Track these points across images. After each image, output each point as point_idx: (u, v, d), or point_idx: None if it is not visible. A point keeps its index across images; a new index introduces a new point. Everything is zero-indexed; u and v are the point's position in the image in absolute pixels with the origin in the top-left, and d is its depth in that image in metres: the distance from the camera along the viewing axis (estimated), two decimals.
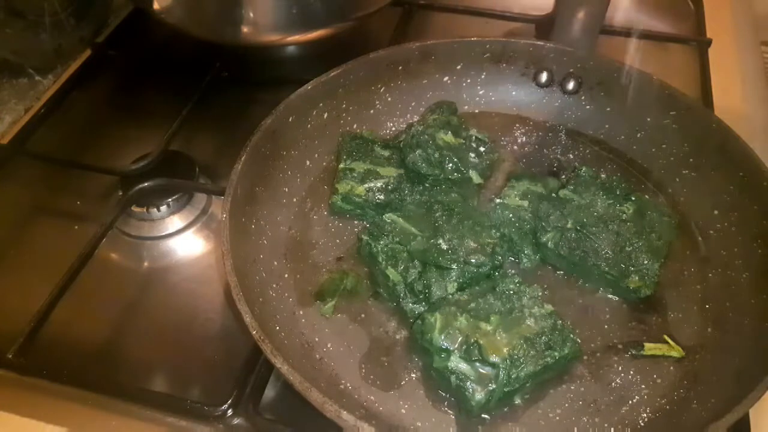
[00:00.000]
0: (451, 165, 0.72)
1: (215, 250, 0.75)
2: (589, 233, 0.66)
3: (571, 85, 0.83)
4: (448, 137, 0.74)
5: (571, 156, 0.81)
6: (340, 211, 0.74)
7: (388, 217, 0.68)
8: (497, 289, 0.61)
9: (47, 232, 0.78)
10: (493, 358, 0.56)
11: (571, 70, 0.82)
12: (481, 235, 0.66)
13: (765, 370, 0.53)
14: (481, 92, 0.86)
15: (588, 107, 0.83)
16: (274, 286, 0.67)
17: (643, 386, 0.61)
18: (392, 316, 0.66)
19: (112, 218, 0.74)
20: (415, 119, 0.83)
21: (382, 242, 0.66)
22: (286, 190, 0.75)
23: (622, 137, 0.81)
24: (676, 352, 0.63)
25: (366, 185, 0.72)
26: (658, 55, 1.00)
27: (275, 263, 0.69)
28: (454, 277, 0.63)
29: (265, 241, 0.69)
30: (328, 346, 0.64)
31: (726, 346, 0.62)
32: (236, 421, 0.60)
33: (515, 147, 0.82)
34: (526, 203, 0.71)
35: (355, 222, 0.74)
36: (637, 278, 0.64)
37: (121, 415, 0.61)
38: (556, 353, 0.57)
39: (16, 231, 0.78)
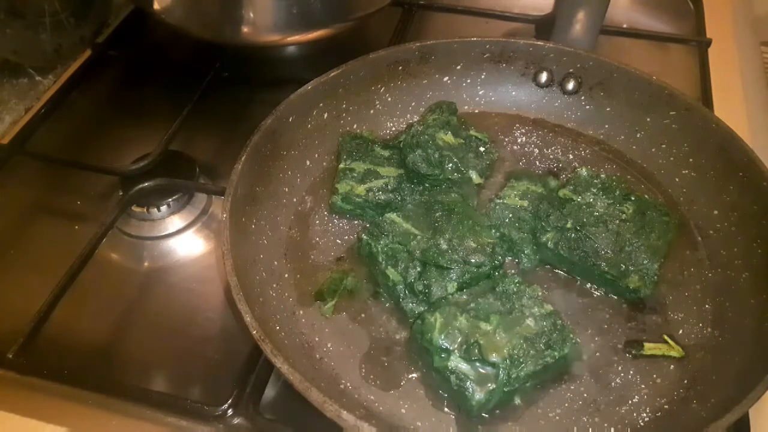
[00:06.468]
0: (451, 165, 0.72)
1: (215, 250, 0.75)
2: (589, 233, 0.66)
3: (570, 85, 0.83)
4: (448, 137, 0.74)
5: (571, 156, 0.81)
6: (340, 211, 0.74)
7: (388, 217, 0.68)
8: (497, 289, 0.61)
9: (47, 232, 0.78)
10: (493, 358, 0.56)
11: (571, 70, 0.82)
12: (481, 235, 0.66)
13: (765, 370, 0.53)
14: (481, 92, 0.86)
15: (588, 107, 0.83)
16: (274, 286, 0.67)
17: (643, 386, 0.61)
18: (392, 316, 0.66)
19: (112, 218, 0.74)
20: (415, 119, 0.83)
21: (382, 242, 0.66)
22: (286, 190, 0.75)
23: (622, 137, 0.81)
24: (676, 352, 0.63)
25: (366, 185, 0.72)
26: (658, 55, 1.00)
27: (275, 263, 0.69)
28: (454, 277, 0.63)
29: (265, 241, 0.69)
30: (328, 346, 0.64)
31: (726, 346, 0.62)
32: (236, 421, 0.60)
33: (515, 147, 0.82)
34: (526, 203, 0.71)
35: (355, 222, 0.74)
36: (636, 278, 0.64)
37: (121, 415, 0.61)
38: (555, 353, 0.57)
39: (16, 231, 0.78)
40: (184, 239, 0.77)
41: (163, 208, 0.77)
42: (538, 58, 0.83)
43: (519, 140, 0.83)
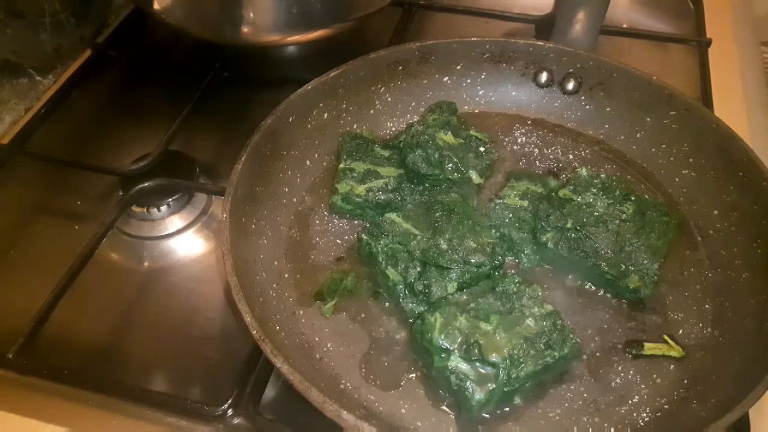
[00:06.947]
0: (451, 165, 0.72)
1: (215, 250, 0.75)
2: (589, 233, 0.66)
3: (570, 85, 0.83)
4: (448, 137, 0.74)
5: (571, 156, 0.81)
6: (340, 211, 0.74)
7: (388, 217, 0.68)
8: (497, 289, 0.61)
9: (47, 232, 0.78)
10: (493, 358, 0.56)
11: (571, 70, 0.82)
12: (481, 235, 0.66)
13: (765, 370, 0.53)
14: (481, 92, 0.86)
15: (588, 107, 0.83)
16: (274, 286, 0.67)
17: (642, 386, 0.61)
18: (392, 316, 0.66)
19: (112, 218, 0.74)
20: (415, 119, 0.83)
21: (382, 242, 0.66)
22: (286, 190, 0.75)
23: (622, 137, 0.81)
24: (676, 352, 0.63)
25: (366, 185, 0.72)
26: (658, 55, 1.00)
27: (275, 263, 0.69)
28: (454, 277, 0.63)
29: (265, 241, 0.69)
30: (328, 346, 0.64)
31: (726, 346, 0.62)
32: (236, 421, 0.60)
33: (515, 147, 0.82)
34: (526, 203, 0.71)
35: (355, 222, 0.74)
36: (636, 278, 0.64)
37: (121, 415, 0.61)
38: (555, 353, 0.57)
39: (16, 231, 0.78)
40: (184, 239, 0.77)
41: (163, 208, 0.77)
42: (538, 58, 0.83)
43: (519, 140, 0.83)
